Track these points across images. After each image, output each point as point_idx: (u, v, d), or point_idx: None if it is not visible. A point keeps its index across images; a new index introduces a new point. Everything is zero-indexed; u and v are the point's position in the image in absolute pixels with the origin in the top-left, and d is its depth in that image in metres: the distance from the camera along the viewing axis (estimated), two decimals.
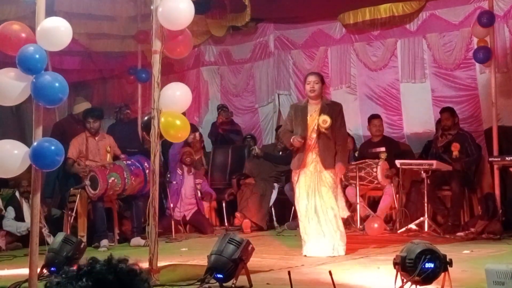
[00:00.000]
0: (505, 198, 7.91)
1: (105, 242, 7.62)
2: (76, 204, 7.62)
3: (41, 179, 4.69)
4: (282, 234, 8.42)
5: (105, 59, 11.39)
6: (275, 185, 9.21)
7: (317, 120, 6.54)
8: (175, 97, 5.17)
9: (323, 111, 6.59)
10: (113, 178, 7.58)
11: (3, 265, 6.49)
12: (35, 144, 4.47)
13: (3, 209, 8.16)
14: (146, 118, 5.56)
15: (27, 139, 7.40)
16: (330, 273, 4.08)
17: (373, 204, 8.81)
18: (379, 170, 8.25)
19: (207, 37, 11.00)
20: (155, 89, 5.05)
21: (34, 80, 4.46)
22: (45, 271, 5.32)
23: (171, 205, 8.57)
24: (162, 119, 5.03)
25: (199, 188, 9.06)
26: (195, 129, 9.75)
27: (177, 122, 5.13)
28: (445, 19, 9.06)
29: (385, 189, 8.43)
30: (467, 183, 8.16)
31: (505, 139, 8.17)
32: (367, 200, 8.82)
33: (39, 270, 5.03)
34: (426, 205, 7.83)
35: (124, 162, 7.89)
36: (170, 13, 5.01)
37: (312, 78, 6.75)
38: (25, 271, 4.74)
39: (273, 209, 9.17)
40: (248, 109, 11.01)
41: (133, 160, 7.96)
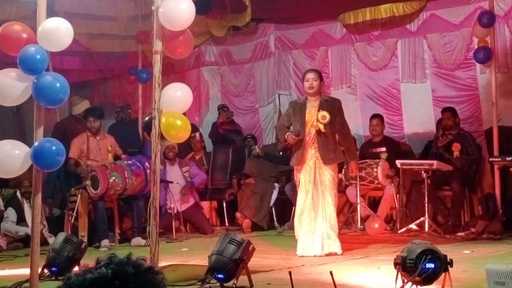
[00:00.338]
0: (506, 198, 7.92)
1: (106, 242, 7.63)
2: (77, 204, 7.64)
3: (42, 179, 4.69)
4: (282, 234, 8.42)
5: (105, 59, 11.39)
6: (276, 185, 9.21)
7: (316, 116, 6.57)
8: (176, 98, 5.16)
9: (321, 107, 6.62)
10: (114, 177, 7.58)
11: (4, 265, 6.50)
12: (36, 144, 4.47)
13: (4, 209, 8.17)
14: (147, 118, 5.57)
15: (28, 139, 7.43)
16: (331, 273, 4.09)
17: (373, 204, 8.82)
18: (380, 170, 8.25)
19: (207, 37, 11.01)
20: (156, 89, 5.05)
21: (35, 80, 4.46)
22: (46, 271, 5.32)
23: (172, 205, 8.55)
24: (163, 119, 5.04)
25: (188, 175, 9.01)
26: (196, 129, 9.76)
27: (178, 122, 5.13)
28: (446, 19, 9.06)
29: (386, 189, 8.43)
30: (467, 183, 8.16)
31: (506, 139, 8.18)
32: (367, 200, 8.82)
33: (40, 270, 5.04)
34: (426, 205, 7.83)
35: (125, 162, 7.90)
36: (171, 14, 5.01)
37: (310, 75, 6.77)
38: (26, 271, 4.74)
39: (274, 209, 9.17)
40: (248, 109, 11.02)
41: (134, 160, 7.97)
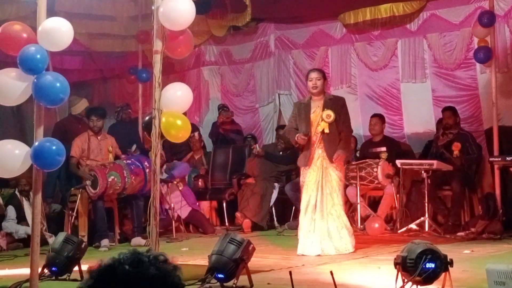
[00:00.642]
0: (506, 198, 7.92)
1: (105, 241, 7.63)
2: (77, 203, 7.64)
3: (42, 179, 4.69)
4: (282, 234, 8.42)
5: (106, 59, 11.40)
6: (276, 185, 9.21)
7: (321, 115, 6.59)
8: (176, 97, 5.17)
9: (326, 106, 6.65)
10: (112, 177, 7.58)
11: (4, 265, 6.50)
12: (36, 144, 4.47)
13: (4, 207, 8.17)
14: (147, 118, 5.56)
15: (28, 139, 7.43)
16: (331, 273, 4.09)
17: (373, 204, 8.82)
18: (380, 170, 8.25)
19: (207, 37, 11.01)
20: (156, 89, 5.05)
21: (35, 80, 4.46)
22: (46, 271, 5.32)
23: (172, 205, 8.56)
24: (163, 119, 5.04)
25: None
26: (195, 129, 9.76)
27: (178, 122, 5.13)
28: (446, 19, 9.06)
29: (386, 189, 8.43)
30: (467, 183, 8.16)
31: (506, 139, 8.18)
32: (367, 200, 8.82)
33: (40, 270, 5.04)
34: (426, 205, 7.83)
35: (124, 161, 7.90)
36: (171, 13, 5.01)
37: (314, 74, 6.80)
38: (26, 271, 4.74)
39: (274, 209, 9.17)
40: (248, 109, 11.02)
41: (133, 159, 7.97)
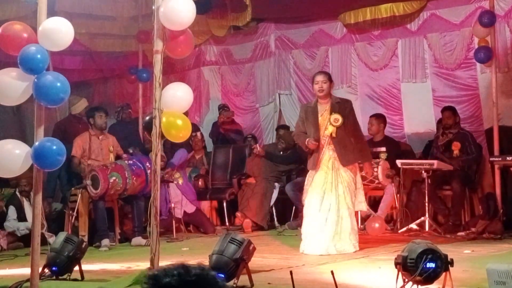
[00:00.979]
0: (506, 197, 7.92)
1: (106, 241, 7.63)
2: (77, 203, 7.64)
3: (42, 179, 4.69)
4: (283, 233, 8.42)
5: (106, 59, 11.40)
6: (276, 184, 9.21)
7: (329, 119, 6.61)
8: (176, 97, 5.16)
9: (333, 110, 6.67)
10: (114, 177, 7.58)
11: (4, 264, 6.50)
12: (37, 144, 4.47)
13: (4, 207, 8.18)
14: (147, 118, 5.56)
15: (28, 139, 7.43)
16: (332, 273, 4.09)
17: (374, 203, 8.81)
18: (380, 170, 8.25)
19: (208, 37, 11.01)
20: (156, 89, 5.05)
21: (35, 80, 4.46)
22: (46, 270, 5.32)
23: (172, 205, 8.57)
24: (163, 119, 5.04)
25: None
26: (196, 129, 9.76)
27: (179, 122, 5.13)
28: (446, 19, 9.06)
29: (386, 189, 8.43)
30: (468, 182, 8.17)
31: (506, 139, 8.18)
32: (367, 200, 8.80)
33: (41, 269, 5.04)
34: (427, 204, 7.83)
35: (125, 161, 7.90)
36: (171, 13, 5.01)
37: (320, 77, 6.81)
38: (27, 271, 4.74)
39: (274, 208, 9.17)
40: (249, 109, 11.02)
41: (134, 160, 7.97)
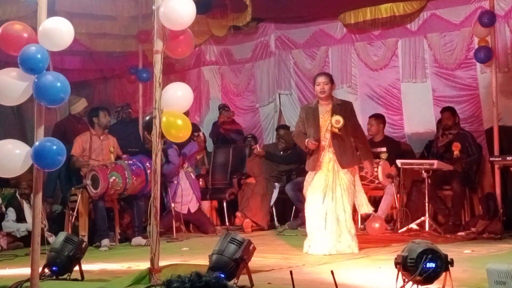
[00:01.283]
0: (506, 197, 7.93)
1: (106, 241, 7.63)
2: (77, 203, 7.64)
3: (42, 179, 4.68)
4: (283, 233, 8.42)
5: (106, 58, 11.40)
6: (276, 184, 9.21)
7: (330, 121, 6.61)
8: (176, 97, 5.16)
9: (335, 112, 6.66)
10: (114, 177, 7.58)
11: (4, 264, 6.49)
12: (37, 143, 4.47)
13: (3, 206, 8.17)
14: (147, 117, 5.56)
15: (28, 139, 7.43)
16: (332, 273, 4.08)
17: (374, 203, 8.80)
18: (380, 170, 8.25)
19: (208, 37, 11.02)
20: (156, 88, 5.05)
21: (36, 80, 4.46)
22: (46, 270, 5.32)
23: (173, 204, 8.56)
24: (163, 119, 5.04)
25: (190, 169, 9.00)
26: (198, 129, 9.76)
27: (179, 121, 5.13)
28: (446, 19, 9.06)
29: (386, 189, 8.44)
30: (468, 182, 8.17)
31: (506, 139, 8.19)
32: (368, 200, 8.81)
33: (41, 269, 5.04)
34: (427, 204, 7.83)
35: (125, 161, 7.90)
36: (171, 13, 5.01)
37: (321, 79, 6.80)
38: (27, 271, 4.74)
39: (274, 208, 9.18)
40: (249, 109, 11.02)
41: (134, 159, 7.97)
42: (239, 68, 11.14)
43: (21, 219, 8.05)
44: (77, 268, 5.36)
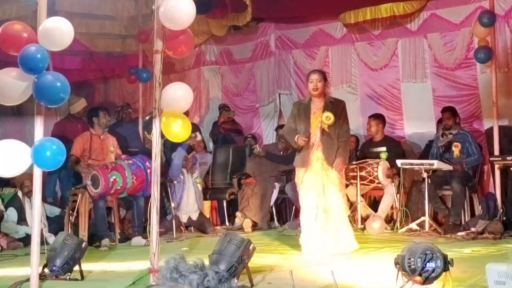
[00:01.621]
0: (506, 197, 7.91)
1: (106, 241, 7.62)
2: (77, 203, 7.63)
3: (42, 179, 4.69)
4: (283, 233, 8.41)
5: (106, 58, 11.41)
6: (276, 184, 9.21)
7: (320, 117, 6.57)
8: (176, 97, 5.17)
9: (326, 109, 6.62)
10: (114, 177, 7.58)
11: (4, 264, 6.49)
12: (37, 143, 4.47)
13: (3, 209, 8.16)
14: (147, 117, 5.56)
15: (28, 139, 7.42)
16: (332, 273, 4.09)
17: (374, 203, 8.83)
18: (380, 169, 8.26)
19: (208, 37, 11.02)
20: (156, 88, 5.05)
21: (35, 79, 4.46)
22: (46, 270, 5.32)
23: (173, 207, 8.56)
24: (163, 119, 5.04)
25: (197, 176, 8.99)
26: (197, 129, 9.76)
27: (179, 121, 5.14)
28: (446, 18, 9.07)
29: (386, 189, 8.44)
30: (468, 182, 8.16)
31: (506, 139, 8.18)
32: (367, 199, 8.83)
33: (41, 269, 5.04)
34: (427, 204, 7.83)
35: (125, 161, 7.90)
36: (171, 13, 5.01)
37: (314, 76, 6.76)
38: (27, 271, 4.74)
39: (274, 208, 9.17)
40: (249, 109, 11.02)
41: (134, 159, 7.97)
42: (239, 68, 11.14)
43: (21, 218, 8.04)
44: (77, 268, 5.36)
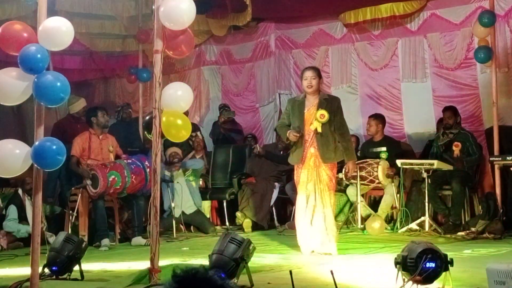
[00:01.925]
0: (506, 197, 7.92)
1: (106, 241, 7.63)
2: (77, 203, 7.64)
3: (42, 178, 4.68)
4: (283, 233, 8.41)
5: (106, 58, 11.41)
6: (276, 184, 9.21)
7: (315, 114, 6.54)
8: (176, 97, 5.17)
9: (321, 106, 6.57)
10: (113, 176, 7.58)
11: (4, 264, 6.49)
12: (37, 143, 4.47)
13: (3, 207, 8.17)
14: (147, 117, 5.56)
15: (28, 139, 7.42)
16: (331, 273, 4.08)
17: (374, 203, 8.83)
18: (380, 169, 8.26)
19: (208, 37, 11.03)
20: (156, 88, 5.05)
21: (35, 79, 4.46)
22: (46, 270, 5.32)
23: (173, 204, 8.57)
24: (163, 119, 5.04)
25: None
26: (197, 129, 9.76)
27: (179, 121, 5.13)
28: (446, 18, 9.07)
29: (386, 189, 8.44)
30: (468, 182, 8.16)
31: (506, 139, 8.19)
32: (367, 199, 8.83)
33: (41, 269, 5.04)
34: (427, 204, 7.84)
35: (124, 161, 7.90)
36: (171, 13, 5.01)
37: (309, 73, 6.70)
38: (27, 271, 4.74)
39: (274, 208, 9.17)
40: (249, 109, 11.02)
41: (133, 159, 7.97)
42: (239, 68, 11.14)
43: (22, 217, 8.04)
44: (77, 268, 5.36)
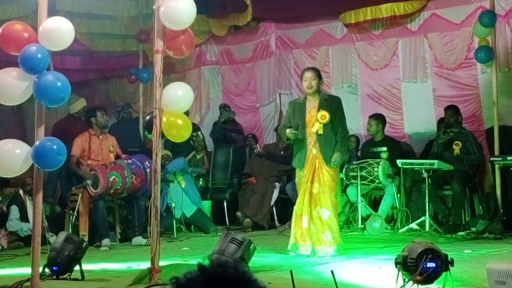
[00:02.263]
0: (506, 197, 7.92)
1: (106, 241, 7.63)
2: (77, 203, 7.64)
3: (42, 178, 4.69)
4: (283, 233, 8.40)
5: (106, 58, 11.41)
6: (277, 184, 9.21)
7: (316, 116, 6.54)
8: (177, 97, 5.17)
9: (321, 107, 6.56)
10: (113, 176, 7.58)
11: (5, 264, 6.50)
12: (37, 143, 4.47)
13: (4, 206, 8.17)
14: (148, 117, 5.57)
15: (29, 139, 7.43)
16: (332, 273, 4.08)
17: (374, 203, 8.83)
18: (380, 169, 8.25)
19: (208, 37, 11.02)
20: (157, 88, 5.05)
21: (36, 79, 4.46)
22: (47, 270, 5.32)
23: (173, 205, 8.56)
24: (164, 119, 5.04)
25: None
26: (197, 129, 9.76)
27: (179, 121, 5.14)
28: (447, 18, 9.07)
29: (386, 189, 8.44)
30: (468, 182, 8.17)
31: (506, 139, 8.19)
32: (368, 199, 8.83)
33: (41, 269, 5.04)
34: (427, 204, 7.84)
35: (125, 161, 7.90)
36: (172, 13, 5.01)
37: (308, 74, 6.69)
38: (27, 270, 4.74)
39: (274, 208, 9.17)
40: (249, 109, 11.02)
41: (134, 159, 7.97)
42: (240, 68, 11.14)
43: (23, 217, 8.05)
44: (77, 267, 5.36)
